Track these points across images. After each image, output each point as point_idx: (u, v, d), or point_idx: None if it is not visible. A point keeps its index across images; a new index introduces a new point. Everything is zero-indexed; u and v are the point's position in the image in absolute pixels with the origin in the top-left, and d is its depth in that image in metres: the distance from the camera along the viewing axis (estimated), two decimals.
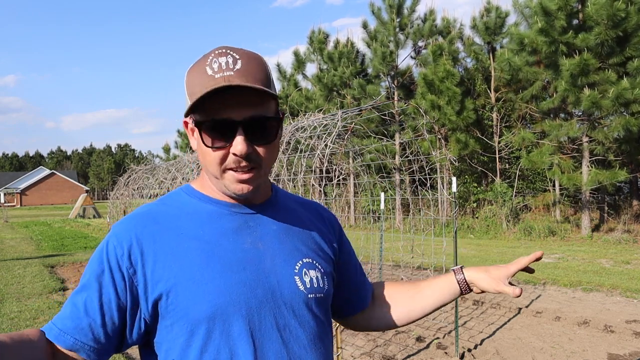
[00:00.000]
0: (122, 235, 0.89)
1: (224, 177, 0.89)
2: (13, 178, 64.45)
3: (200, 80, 0.85)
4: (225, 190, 0.91)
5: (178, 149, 28.59)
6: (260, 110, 0.86)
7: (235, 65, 0.84)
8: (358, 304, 1.15)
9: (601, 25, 10.74)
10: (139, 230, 0.89)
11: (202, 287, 0.85)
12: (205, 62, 0.86)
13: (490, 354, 4.33)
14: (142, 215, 0.93)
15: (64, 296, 6.89)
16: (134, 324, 0.89)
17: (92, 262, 0.89)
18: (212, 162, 0.88)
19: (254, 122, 0.86)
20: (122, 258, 0.87)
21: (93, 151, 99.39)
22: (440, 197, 14.69)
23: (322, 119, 5.13)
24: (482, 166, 16.42)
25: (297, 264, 0.95)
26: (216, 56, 0.85)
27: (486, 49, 16.16)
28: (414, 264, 8.00)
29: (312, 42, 19.76)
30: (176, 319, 0.85)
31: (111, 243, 0.89)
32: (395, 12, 16.08)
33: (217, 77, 0.83)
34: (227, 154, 0.87)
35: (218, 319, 0.85)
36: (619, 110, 10.90)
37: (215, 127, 0.85)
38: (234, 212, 0.94)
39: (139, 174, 9.84)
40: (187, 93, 0.88)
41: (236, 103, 0.84)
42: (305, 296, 0.93)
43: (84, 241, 14.32)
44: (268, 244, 0.94)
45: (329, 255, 1.04)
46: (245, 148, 0.84)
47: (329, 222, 1.11)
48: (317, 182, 5.19)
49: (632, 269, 8.08)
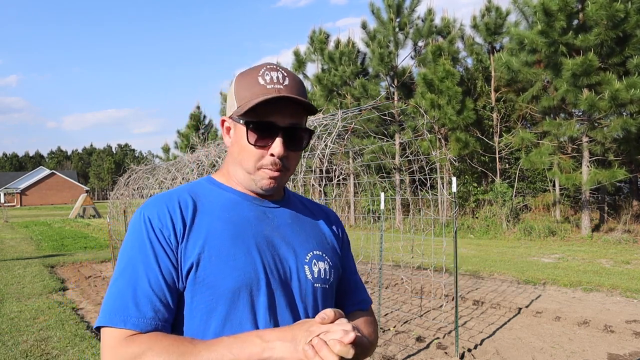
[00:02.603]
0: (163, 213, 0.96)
1: (257, 174, 1.01)
2: (13, 178, 64.43)
3: (252, 88, 0.99)
4: (252, 185, 1.03)
5: (178, 149, 28.57)
6: (299, 121, 1.01)
7: (285, 81, 1.00)
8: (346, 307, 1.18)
9: (601, 25, 10.75)
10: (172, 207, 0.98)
11: (230, 263, 0.94)
12: (257, 73, 1.00)
13: (490, 354, 4.33)
14: (172, 196, 1.01)
15: (64, 296, 6.88)
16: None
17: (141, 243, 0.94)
18: (250, 158, 1.00)
19: (293, 130, 1.01)
20: (170, 237, 0.94)
21: (93, 151, 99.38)
22: (440, 197, 14.68)
23: (322, 119, 5.13)
24: (482, 166, 16.41)
25: (307, 254, 1.05)
26: (268, 70, 1.01)
27: (487, 48, 16.16)
28: (414, 264, 8.00)
29: (312, 42, 19.77)
30: (203, 289, 0.93)
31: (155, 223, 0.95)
32: (394, 12, 16.07)
33: (269, 87, 0.98)
34: (265, 153, 1.00)
35: (243, 292, 0.94)
36: (616, 111, 10.91)
37: (261, 128, 0.99)
38: (254, 203, 1.06)
39: (139, 174, 9.83)
40: (236, 97, 1.02)
41: (282, 112, 0.98)
42: (312, 285, 1.03)
43: (84, 241, 14.32)
44: (284, 234, 1.05)
45: (337, 250, 1.14)
46: (283, 150, 0.99)
47: (336, 223, 1.21)
48: (317, 182, 5.19)
49: (632, 269, 8.08)
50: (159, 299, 0.91)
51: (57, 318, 5.58)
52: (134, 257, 0.94)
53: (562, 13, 11.21)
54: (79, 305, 6.37)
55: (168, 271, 0.93)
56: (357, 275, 1.23)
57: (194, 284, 0.93)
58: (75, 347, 4.56)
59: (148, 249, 0.93)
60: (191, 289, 0.94)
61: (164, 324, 0.91)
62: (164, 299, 0.91)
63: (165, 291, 0.92)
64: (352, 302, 1.17)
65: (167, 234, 0.94)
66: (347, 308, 1.17)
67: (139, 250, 0.94)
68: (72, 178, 66.44)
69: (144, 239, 0.94)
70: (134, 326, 0.87)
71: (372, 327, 1.14)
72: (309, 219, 1.14)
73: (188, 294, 0.94)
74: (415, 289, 6.91)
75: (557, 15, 11.25)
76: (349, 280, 1.19)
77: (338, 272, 1.12)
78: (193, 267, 0.93)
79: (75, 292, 7.23)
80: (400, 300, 6.37)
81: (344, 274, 1.17)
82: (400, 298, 6.51)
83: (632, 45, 10.96)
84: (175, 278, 0.93)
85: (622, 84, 10.38)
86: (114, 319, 0.88)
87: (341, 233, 1.22)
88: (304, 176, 5.13)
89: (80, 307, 6.28)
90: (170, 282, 0.93)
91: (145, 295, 0.90)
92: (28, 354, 4.39)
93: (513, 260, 9.27)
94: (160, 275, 0.92)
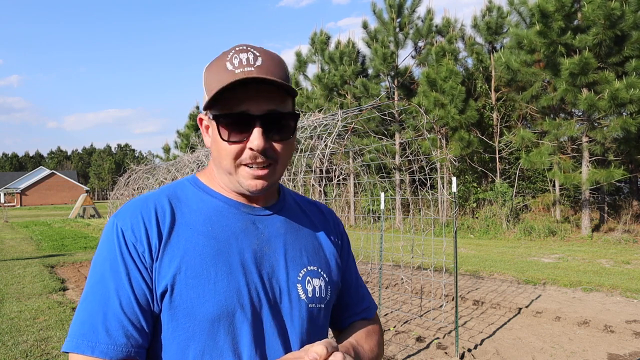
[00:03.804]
0: (134, 221, 0.85)
1: (238, 173, 0.88)
2: (13, 178, 64.44)
3: (219, 75, 0.84)
4: (238, 187, 0.90)
5: (178, 149, 28.58)
6: (279, 105, 0.86)
7: (256, 62, 0.84)
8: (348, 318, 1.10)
9: (598, 25, 10.75)
10: (148, 217, 0.86)
11: (209, 286, 0.83)
12: (225, 58, 0.86)
13: (490, 354, 4.33)
14: (149, 202, 0.89)
15: (64, 296, 6.88)
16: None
17: (112, 260, 0.83)
18: (227, 157, 0.87)
19: (272, 117, 0.85)
20: (144, 254, 0.83)
21: (93, 151, 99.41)
22: (440, 197, 14.69)
23: (322, 119, 5.13)
24: (482, 166, 16.42)
25: (301, 271, 0.93)
26: (237, 52, 0.86)
27: (487, 48, 16.16)
28: (414, 264, 8.00)
29: (313, 43, 19.81)
30: (179, 316, 0.83)
31: (129, 238, 0.84)
32: (395, 12, 16.08)
33: (237, 72, 0.83)
34: (244, 148, 0.86)
35: (224, 319, 0.83)
36: (616, 111, 10.91)
37: (232, 120, 0.84)
38: (242, 211, 0.92)
39: (139, 174, 9.84)
40: (206, 89, 0.88)
41: (255, 97, 0.84)
42: (306, 305, 0.92)
43: (84, 241, 14.32)
44: (274, 248, 0.92)
45: (336, 260, 1.03)
46: (263, 143, 0.84)
47: (333, 224, 1.09)
48: (317, 182, 5.19)
49: (632, 269, 8.08)
50: (131, 323, 0.81)
51: (57, 318, 5.59)
52: (105, 273, 0.83)
53: (559, 14, 11.22)
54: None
55: (142, 292, 0.82)
56: (359, 280, 1.13)
57: (170, 309, 0.83)
58: None
59: (120, 266, 0.82)
60: (167, 313, 0.83)
61: (137, 350, 0.81)
62: (138, 323, 0.81)
63: (139, 314, 0.82)
64: (354, 312, 1.09)
65: (142, 250, 0.83)
66: (349, 319, 1.08)
67: (110, 267, 0.83)
68: (72, 178, 66.46)
69: (116, 254, 0.83)
70: (102, 354, 0.78)
71: (375, 338, 1.05)
72: (306, 226, 1.01)
73: (164, 319, 0.84)
74: (415, 289, 6.91)
75: (554, 16, 11.27)
76: (350, 288, 1.09)
77: (336, 287, 1.01)
78: (168, 290, 0.82)
79: (75, 292, 7.23)
80: (400, 300, 6.37)
81: (344, 284, 1.07)
82: (400, 298, 6.51)
83: (630, 44, 10.96)
84: (150, 300, 0.83)
85: (622, 84, 10.38)
86: (81, 344, 0.79)
87: (340, 236, 1.10)
88: (304, 176, 5.13)
89: None
90: (144, 304, 0.82)
91: (116, 318, 0.80)
92: (28, 354, 4.39)
93: (513, 260, 9.27)
94: (132, 297, 0.81)
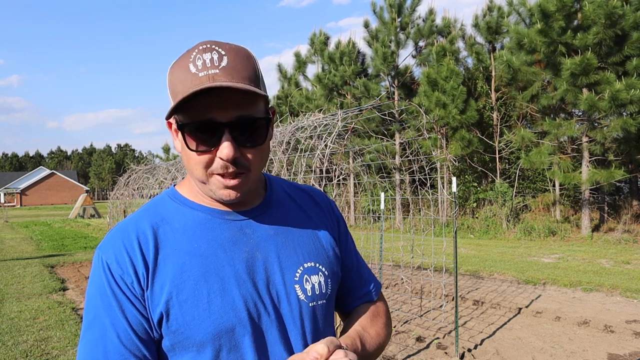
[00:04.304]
0: (117, 253, 0.83)
1: (210, 182, 0.84)
2: (13, 178, 64.44)
3: (183, 78, 0.79)
4: (212, 195, 0.86)
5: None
6: (248, 110, 0.81)
7: (221, 62, 0.78)
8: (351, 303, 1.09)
9: (599, 24, 10.75)
10: (130, 247, 0.84)
11: (203, 306, 0.82)
12: (188, 59, 0.80)
13: (490, 354, 4.33)
14: (129, 230, 0.86)
15: (64, 296, 6.89)
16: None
17: (102, 296, 0.83)
18: (197, 167, 0.83)
19: (241, 123, 0.80)
20: (133, 284, 0.82)
21: (93, 151, 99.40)
22: (440, 197, 14.69)
23: (322, 119, 5.13)
24: (482, 166, 16.41)
25: (297, 271, 0.91)
26: (200, 52, 0.79)
27: (487, 48, 16.16)
28: (414, 264, 8.00)
29: (313, 43, 19.82)
30: (178, 340, 0.82)
31: (115, 271, 0.83)
32: (396, 12, 16.08)
33: (201, 75, 0.77)
34: (213, 157, 0.81)
35: (224, 338, 0.82)
36: (616, 111, 10.91)
37: (199, 129, 0.80)
38: (227, 220, 0.89)
39: (139, 174, 9.84)
40: (170, 92, 0.82)
41: (222, 103, 0.78)
42: (307, 305, 0.90)
43: (84, 241, 14.32)
44: (266, 252, 0.89)
45: (334, 249, 1.00)
46: (232, 152, 0.79)
47: (327, 209, 1.06)
48: (317, 182, 5.19)
49: (632, 269, 8.08)
50: (133, 355, 0.81)
51: (57, 318, 5.59)
52: (98, 309, 0.82)
53: (559, 13, 11.21)
54: (79, 305, 6.37)
55: (138, 322, 0.82)
56: (360, 262, 1.10)
57: (168, 334, 0.82)
58: (75, 347, 4.56)
59: (112, 300, 0.81)
60: (167, 339, 0.83)
61: None
62: (139, 352, 0.81)
63: (138, 344, 0.81)
64: (357, 297, 1.07)
65: (130, 281, 0.81)
66: (353, 303, 1.07)
67: (102, 302, 0.82)
68: (72, 178, 66.46)
69: (106, 289, 0.82)
70: None
71: (381, 320, 1.04)
72: (297, 220, 0.97)
73: (166, 344, 0.84)
74: (415, 289, 6.91)
75: (555, 16, 11.26)
76: (351, 271, 1.07)
77: (337, 278, 1.00)
78: (163, 317, 0.81)
79: (75, 292, 7.23)
80: (400, 300, 6.37)
81: (344, 269, 1.05)
82: (400, 298, 6.51)
83: (631, 44, 10.95)
84: (148, 328, 0.82)
85: (623, 85, 10.38)
86: None
87: (337, 221, 1.06)
88: (304, 176, 5.13)
89: (80, 307, 6.28)
90: (142, 333, 0.82)
91: (116, 352, 0.80)
92: (28, 354, 4.39)
93: (513, 260, 9.27)
94: (129, 328, 0.81)
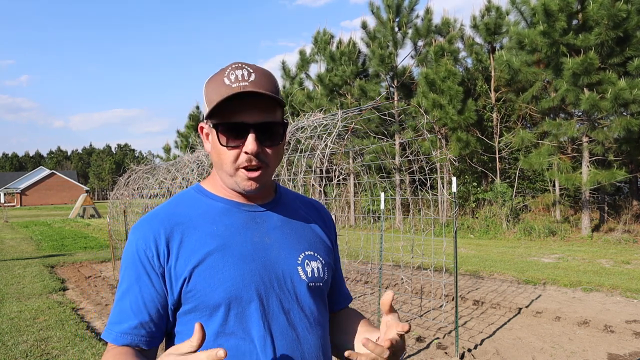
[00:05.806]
0: (147, 236, 1.01)
1: (237, 175, 1.02)
2: (13, 178, 64.43)
3: (218, 89, 0.99)
4: (236, 187, 1.04)
5: (178, 149, 28.59)
6: (269, 116, 1.00)
7: (250, 78, 0.99)
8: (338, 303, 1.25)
9: (601, 25, 10.74)
10: (161, 230, 1.01)
11: (219, 275, 0.98)
12: (223, 74, 1.00)
13: (490, 354, 4.33)
14: (160, 215, 1.05)
15: (64, 296, 6.89)
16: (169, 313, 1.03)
17: (127, 268, 1.02)
18: (227, 160, 1.01)
19: (264, 125, 1.00)
20: (153, 258, 0.99)
21: (93, 151, 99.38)
22: (440, 197, 14.69)
23: (322, 119, 5.13)
24: (482, 166, 16.41)
25: (299, 256, 1.08)
26: (233, 69, 1.00)
27: (486, 48, 16.15)
28: (414, 264, 8.00)
29: (316, 42, 19.82)
30: (195, 304, 0.98)
31: (140, 246, 1.01)
32: (393, 12, 16.05)
33: (233, 86, 0.97)
34: (240, 153, 1.00)
35: (233, 303, 0.98)
36: (619, 110, 10.90)
37: (230, 129, 0.99)
38: (242, 209, 1.08)
39: (139, 174, 9.82)
40: (206, 101, 1.03)
41: (249, 109, 0.98)
42: (307, 284, 1.06)
43: (84, 241, 14.32)
44: (274, 238, 1.07)
45: (329, 247, 1.17)
46: (256, 147, 0.98)
47: (328, 221, 1.24)
48: (317, 182, 5.19)
49: (632, 269, 8.08)
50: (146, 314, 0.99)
51: (57, 318, 5.59)
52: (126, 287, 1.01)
53: (562, 13, 11.20)
54: (79, 305, 6.37)
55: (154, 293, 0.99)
56: (342, 276, 1.30)
57: (187, 299, 0.99)
58: (75, 347, 4.56)
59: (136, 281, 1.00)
60: (185, 305, 1.00)
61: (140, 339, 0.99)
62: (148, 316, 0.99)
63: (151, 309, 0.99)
64: (342, 298, 1.26)
65: (150, 255, 1.00)
66: (338, 305, 1.24)
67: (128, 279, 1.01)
68: (72, 178, 66.44)
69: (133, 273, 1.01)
70: (113, 340, 0.99)
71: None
72: (301, 218, 1.15)
73: (182, 312, 1.01)
74: (415, 289, 6.91)
75: (558, 16, 11.24)
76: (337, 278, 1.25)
77: (331, 268, 1.16)
78: (185, 283, 0.98)
79: (75, 292, 7.23)
80: (400, 300, 6.37)
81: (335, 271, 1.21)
82: (400, 298, 6.51)
83: (633, 45, 10.95)
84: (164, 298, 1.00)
85: (626, 84, 10.36)
86: (105, 333, 1.01)
87: (334, 236, 1.26)
88: (304, 176, 5.13)
89: (80, 307, 6.28)
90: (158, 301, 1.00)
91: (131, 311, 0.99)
92: (28, 354, 4.39)
93: (513, 260, 9.27)
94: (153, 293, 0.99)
